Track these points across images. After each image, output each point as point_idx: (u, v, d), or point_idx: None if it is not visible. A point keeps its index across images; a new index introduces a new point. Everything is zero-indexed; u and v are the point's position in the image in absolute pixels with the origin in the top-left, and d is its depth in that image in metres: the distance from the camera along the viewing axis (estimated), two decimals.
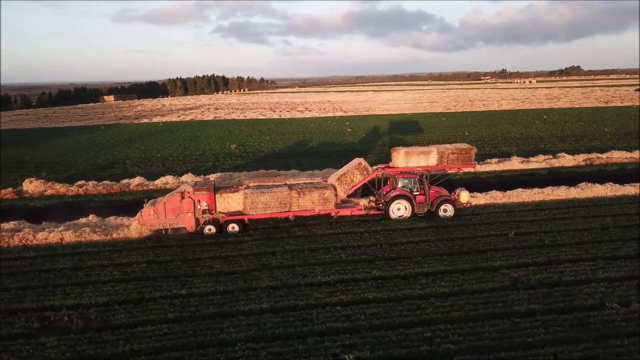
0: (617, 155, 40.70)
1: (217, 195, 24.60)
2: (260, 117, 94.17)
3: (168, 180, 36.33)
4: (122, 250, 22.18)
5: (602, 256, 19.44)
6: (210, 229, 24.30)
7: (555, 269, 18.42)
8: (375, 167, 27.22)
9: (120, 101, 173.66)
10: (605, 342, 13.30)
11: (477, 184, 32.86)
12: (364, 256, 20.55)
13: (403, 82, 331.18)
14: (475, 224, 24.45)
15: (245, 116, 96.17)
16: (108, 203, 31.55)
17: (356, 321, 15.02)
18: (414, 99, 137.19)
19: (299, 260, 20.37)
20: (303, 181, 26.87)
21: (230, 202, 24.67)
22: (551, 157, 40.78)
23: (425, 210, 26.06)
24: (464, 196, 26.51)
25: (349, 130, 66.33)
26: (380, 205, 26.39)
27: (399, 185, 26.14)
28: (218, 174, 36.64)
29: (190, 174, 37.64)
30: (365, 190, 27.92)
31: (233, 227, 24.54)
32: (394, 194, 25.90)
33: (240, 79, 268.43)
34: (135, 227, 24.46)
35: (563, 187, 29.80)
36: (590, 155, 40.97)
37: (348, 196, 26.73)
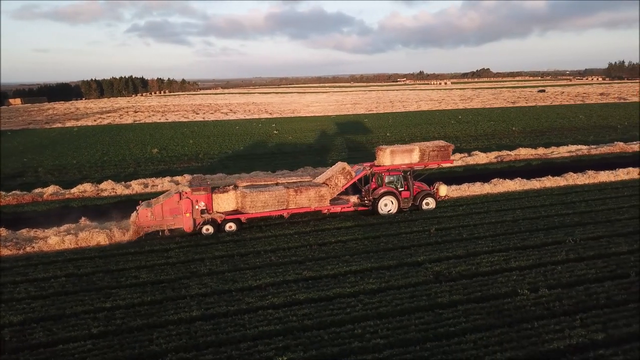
0: (524, 153, 44.00)
1: (214, 195, 24.71)
2: (183, 119, 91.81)
3: (86, 188, 34.52)
4: (37, 265, 20.82)
5: (514, 247, 21.00)
6: (208, 229, 24.42)
7: (473, 260, 19.65)
8: (362, 166, 28.26)
9: (29, 104, 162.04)
10: (518, 327, 14.42)
11: None
12: (294, 258, 20.77)
13: (327, 84, 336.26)
14: (399, 221, 25.47)
15: (167, 119, 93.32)
16: (19, 215, 29.42)
17: (288, 323, 15.19)
18: (338, 100, 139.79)
19: (229, 265, 20.20)
20: (293, 180, 27.43)
21: (227, 202, 24.94)
22: (466, 155, 43.28)
23: (410, 204, 27.33)
24: (443, 190, 28.20)
25: (275, 132, 66.38)
26: (366, 201, 27.23)
27: (386, 182, 27.22)
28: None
29: (110, 180, 36.02)
30: (351, 186, 28.32)
31: (230, 227, 24.74)
32: (382, 190, 26.87)
33: (160, 80, 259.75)
34: (131, 228, 24.19)
35: (478, 184, 31.78)
36: (500, 153, 43.94)
37: (339, 194, 27.57)
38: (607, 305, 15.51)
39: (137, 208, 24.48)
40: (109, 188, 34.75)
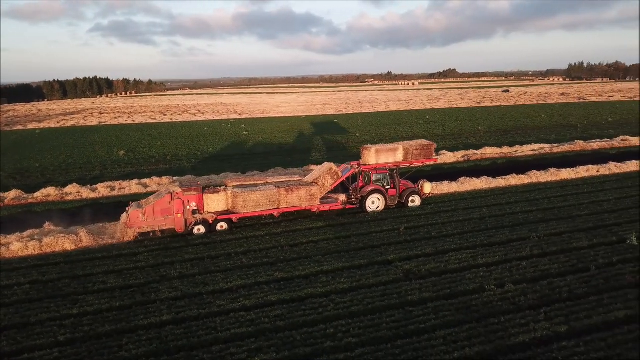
0: (490, 151, 45.09)
1: (205, 196, 24.77)
2: (150, 121, 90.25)
3: (50, 192, 33.55)
4: None
5: (481, 244, 21.52)
6: (199, 229, 24.47)
7: (442, 258, 20.04)
8: (350, 165, 28.92)
9: None
10: (485, 322, 14.81)
11: None
12: (265, 259, 20.74)
13: (296, 84, 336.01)
14: (369, 221, 25.74)
15: (134, 120, 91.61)
16: None
17: (261, 325, 15.19)
18: (307, 101, 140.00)
19: (200, 268, 20.02)
20: (282, 180, 27.75)
21: (218, 202, 25.06)
22: (434, 154, 43.94)
23: (396, 202, 27.99)
24: (427, 187, 28.95)
25: (244, 133, 66.00)
26: (354, 199, 27.79)
27: (373, 180, 27.73)
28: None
29: (75, 184, 35.16)
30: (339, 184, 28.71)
31: (222, 226, 24.91)
32: (370, 188, 27.43)
33: (126, 81, 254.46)
34: (122, 230, 24.06)
35: (445, 182, 32.41)
36: (467, 152, 44.90)
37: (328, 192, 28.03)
38: (570, 298, 16.09)
39: (127, 209, 24.39)
40: (74, 192, 33.91)
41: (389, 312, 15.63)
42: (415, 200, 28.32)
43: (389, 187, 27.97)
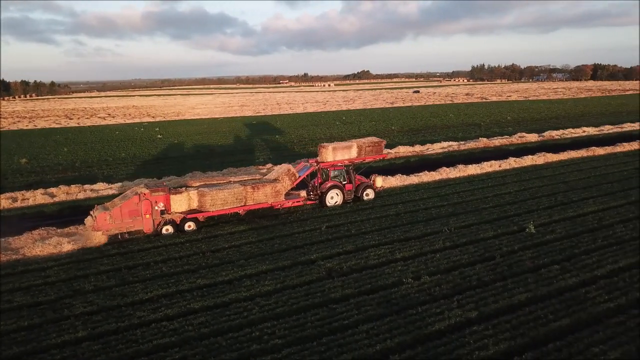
0: (403, 150, 47.17)
1: (173, 196, 24.76)
2: (55, 125, 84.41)
3: None
4: None
5: (397, 239, 22.55)
6: (167, 229, 24.47)
7: (362, 255, 20.76)
8: (309, 163, 30.09)
9: None
10: (404, 313, 15.60)
11: None
12: (186, 266, 20.30)
13: (212, 86, 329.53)
14: (291, 222, 26.01)
15: (35, 125, 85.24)
16: None
17: (184, 333, 14.89)
18: (224, 102, 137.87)
19: (116, 280, 19.18)
20: (245, 178, 28.29)
21: (186, 202, 25.12)
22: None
23: (352, 196, 29.45)
24: (379, 181, 30.64)
25: (159, 136, 63.73)
26: (312, 195, 29.22)
27: (332, 176, 28.94)
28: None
29: None
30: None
31: (190, 226, 24.98)
32: (329, 184, 28.69)
33: (25, 83, 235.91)
34: (89, 234, 23.37)
35: None
36: None
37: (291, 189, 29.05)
38: (479, 285, 17.37)
39: (92, 213, 24.07)
40: None
41: (313, 311, 15.96)
42: (369, 194, 29.87)
43: (346, 182, 29.38)
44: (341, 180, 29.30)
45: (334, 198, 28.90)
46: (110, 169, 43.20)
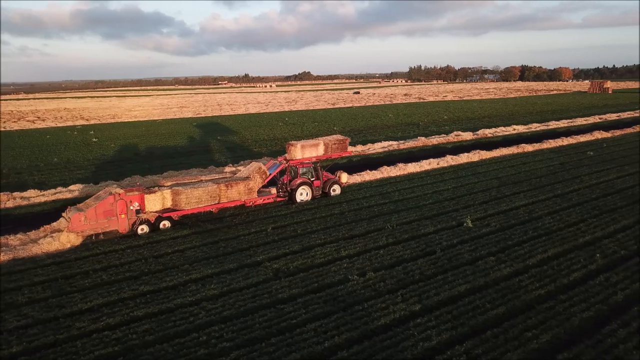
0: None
1: (147, 195, 24.95)
2: None
3: None
4: None
5: (342, 237, 22.92)
6: (143, 229, 24.61)
7: (308, 254, 20.95)
8: (278, 161, 30.83)
9: None
10: (351, 310, 15.92)
11: None
12: (128, 274, 19.66)
13: (149, 87, 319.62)
14: (236, 224, 25.80)
15: None
16: None
17: (128, 342, 14.45)
18: (163, 104, 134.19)
19: (53, 290, 18.28)
20: (217, 177, 28.82)
21: (160, 201, 25.29)
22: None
23: (320, 192, 30.32)
24: (344, 177, 31.78)
25: (94, 140, 61.10)
26: (281, 192, 29.65)
27: (300, 173, 29.55)
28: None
29: None
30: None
31: (165, 225, 25.27)
32: (298, 181, 29.31)
33: None
34: (64, 236, 22.96)
35: None
36: None
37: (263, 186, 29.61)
38: (421, 279, 18.00)
39: (65, 215, 24.10)
40: None
41: (261, 312, 15.96)
42: (336, 190, 30.98)
43: (314, 179, 30.14)
44: (309, 177, 30.10)
45: (303, 194, 29.64)
46: (42, 175, 40.94)
